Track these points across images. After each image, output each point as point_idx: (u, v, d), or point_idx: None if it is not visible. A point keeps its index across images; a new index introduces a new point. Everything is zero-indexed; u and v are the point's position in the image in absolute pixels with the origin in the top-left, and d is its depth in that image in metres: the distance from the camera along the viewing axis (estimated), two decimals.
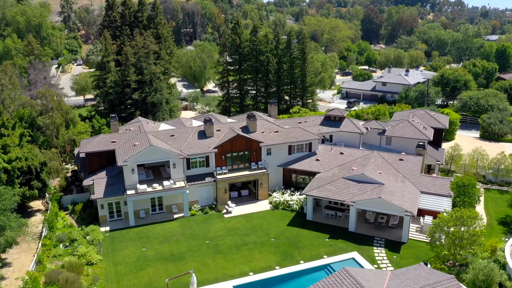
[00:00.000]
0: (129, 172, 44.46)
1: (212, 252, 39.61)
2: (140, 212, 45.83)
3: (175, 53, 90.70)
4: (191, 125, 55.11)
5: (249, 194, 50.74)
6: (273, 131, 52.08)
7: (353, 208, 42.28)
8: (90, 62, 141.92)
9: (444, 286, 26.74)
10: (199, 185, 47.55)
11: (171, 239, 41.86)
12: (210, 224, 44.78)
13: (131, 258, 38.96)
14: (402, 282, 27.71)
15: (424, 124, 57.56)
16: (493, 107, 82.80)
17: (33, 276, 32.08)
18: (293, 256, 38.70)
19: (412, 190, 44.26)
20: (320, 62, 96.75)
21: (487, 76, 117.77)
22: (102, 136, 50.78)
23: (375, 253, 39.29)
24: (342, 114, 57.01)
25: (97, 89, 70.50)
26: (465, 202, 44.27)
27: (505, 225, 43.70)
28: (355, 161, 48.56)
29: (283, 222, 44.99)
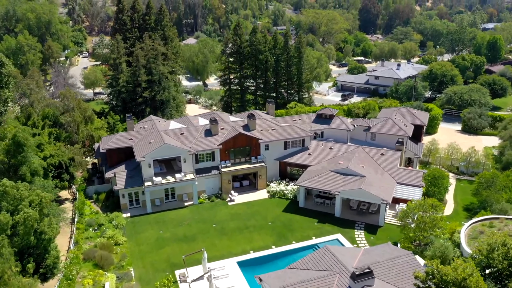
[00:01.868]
0: (146, 167, 51.75)
1: (218, 234, 47.16)
2: (155, 200, 53.26)
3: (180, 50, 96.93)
4: (198, 123, 62.14)
5: (249, 184, 58.13)
6: (271, 129, 59.20)
7: (338, 197, 49.68)
8: (96, 55, 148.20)
9: (402, 260, 34.25)
10: (206, 177, 54.88)
11: (183, 223, 49.41)
12: (216, 211, 52.27)
13: (150, 239, 46.53)
14: (371, 256, 35.20)
15: (405, 121, 64.67)
16: (476, 101, 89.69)
17: (75, 254, 39.63)
18: (286, 237, 46.25)
19: (389, 182, 51.63)
20: (315, 59, 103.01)
21: (475, 69, 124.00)
22: (120, 134, 57.98)
23: (355, 234, 46.85)
24: (332, 113, 64.05)
25: (110, 88, 77.13)
26: (435, 191, 51.69)
27: (468, 211, 51.16)
28: (342, 155, 55.75)
29: (279, 208, 52.48)
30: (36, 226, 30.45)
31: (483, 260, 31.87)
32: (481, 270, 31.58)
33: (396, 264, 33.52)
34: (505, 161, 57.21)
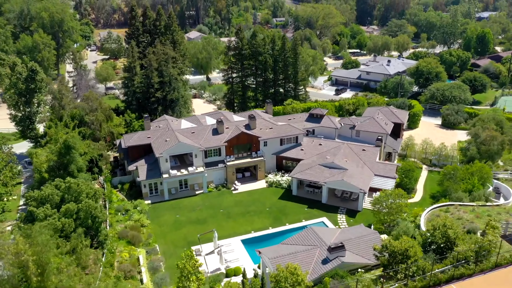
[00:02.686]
0: (164, 161, 61.76)
1: (225, 217, 57.41)
2: (171, 189, 63.39)
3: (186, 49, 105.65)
4: (206, 122, 71.84)
5: (250, 175, 68.21)
6: (269, 127, 69.02)
7: (325, 187, 59.80)
8: (105, 49, 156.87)
9: (369, 237, 44.41)
10: (214, 169, 64.95)
11: (196, 209, 59.63)
12: (223, 198, 62.48)
13: (169, 222, 56.81)
14: (345, 235, 45.46)
15: (386, 120, 74.39)
16: (456, 98, 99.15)
17: (112, 234, 49.89)
18: (281, 220, 56.50)
19: (368, 174, 61.71)
20: (311, 57, 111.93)
21: (462, 64, 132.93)
22: (140, 133, 67.84)
23: (338, 218, 57.11)
24: (322, 113, 73.77)
25: (126, 88, 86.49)
26: (407, 182, 61.79)
27: (433, 198, 61.26)
28: (329, 151, 65.66)
29: (275, 196, 62.66)
30: (93, 212, 40.40)
31: (429, 237, 42.03)
32: (427, 245, 41.75)
33: (363, 241, 43.74)
34: (469, 156, 67.12)
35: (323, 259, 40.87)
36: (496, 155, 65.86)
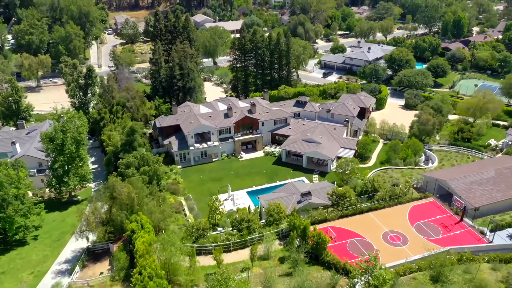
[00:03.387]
0: (190, 138, 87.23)
1: (234, 176, 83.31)
2: (195, 158, 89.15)
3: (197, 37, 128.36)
4: (218, 107, 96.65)
5: (252, 147, 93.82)
6: (265, 112, 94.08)
7: (304, 156, 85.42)
8: (123, 34, 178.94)
9: (327, 188, 70.57)
10: (226, 143, 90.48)
11: (213, 171, 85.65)
12: (232, 164, 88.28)
13: (196, 180, 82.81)
14: (313, 186, 71.65)
15: (354, 105, 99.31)
16: (418, 83, 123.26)
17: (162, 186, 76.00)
18: (273, 178, 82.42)
19: (336, 146, 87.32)
20: (302, 47, 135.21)
21: (432, 49, 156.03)
22: (170, 117, 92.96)
23: (313, 177, 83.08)
24: (306, 100, 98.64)
25: (153, 79, 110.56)
26: (363, 152, 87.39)
27: (381, 164, 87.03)
28: (310, 129, 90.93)
29: (270, 162, 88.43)
30: (157, 172, 65.85)
31: (363, 187, 68.13)
32: (363, 191, 67.86)
33: (324, 190, 69.82)
34: (411, 133, 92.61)
35: (298, 201, 66.96)
36: (430, 133, 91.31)
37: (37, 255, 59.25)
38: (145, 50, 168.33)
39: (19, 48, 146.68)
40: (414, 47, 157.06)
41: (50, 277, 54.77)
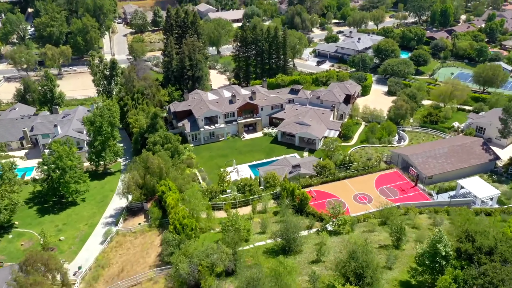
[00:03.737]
0: (200, 121, 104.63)
1: (238, 153, 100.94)
2: (205, 137, 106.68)
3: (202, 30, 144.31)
4: (224, 94, 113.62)
5: (253, 129, 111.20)
6: (264, 98, 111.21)
7: (297, 136, 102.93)
8: (132, 24, 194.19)
9: (313, 162, 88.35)
10: (230, 125, 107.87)
11: (220, 149, 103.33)
12: (236, 142, 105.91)
13: (206, 156, 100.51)
14: (303, 160, 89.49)
15: (341, 92, 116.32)
16: (401, 71, 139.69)
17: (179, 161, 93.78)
18: (271, 155, 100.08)
19: (323, 128, 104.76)
20: (297, 38, 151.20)
21: (418, 39, 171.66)
22: (183, 103, 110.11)
23: (303, 153, 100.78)
24: (299, 88, 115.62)
25: (165, 69, 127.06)
26: (346, 133, 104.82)
27: (361, 142, 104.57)
28: (301, 113, 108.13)
29: (268, 141, 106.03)
30: (178, 148, 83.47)
31: (342, 160, 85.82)
32: (342, 163, 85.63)
33: (311, 163, 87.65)
34: (388, 117, 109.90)
35: (290, 171, 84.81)
36: (404, 116, 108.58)
37: (87, 212, 77.54)
38: (154, 40, 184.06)
39: (40, 39, 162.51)
40: (401, 37, 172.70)
41: (100, 227, 73.17)
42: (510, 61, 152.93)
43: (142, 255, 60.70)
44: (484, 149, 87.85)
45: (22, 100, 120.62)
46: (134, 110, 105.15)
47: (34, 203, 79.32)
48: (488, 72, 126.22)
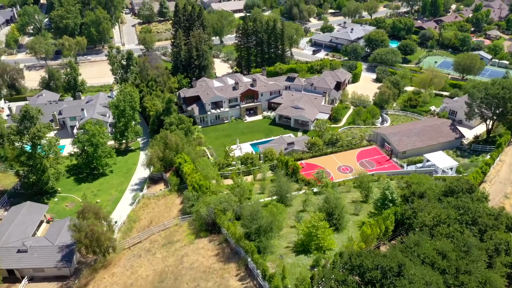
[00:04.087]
0: (207, 105, 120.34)
1: (241, 133, 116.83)
2: (211, 120, 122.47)
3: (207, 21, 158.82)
4: (228, 82, 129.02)
5: (254, 112, 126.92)
6: (263, 85, 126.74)
7: (292, 118, 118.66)
8: (140, 15, 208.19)
9: (303, 141, 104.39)
10: (234, 109, 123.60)
11: (225, 130, 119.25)
12: (239, 124, 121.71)
13: (213, 136, 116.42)
14: (296, 139, 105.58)
15: (332, 80, 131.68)
16: (389, 60, 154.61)
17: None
18: (269, 135, 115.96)
19: (315, 111, 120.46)
20: (294, 29, 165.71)
21: (407, 29, 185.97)
22: (192, 89, 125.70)
23: (298, 133, 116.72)
24: (295, 76, 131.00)
25: (174, 58, 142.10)
26: (336, 115, 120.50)
27: (349, 124, 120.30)
28: (296, 98, 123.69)
29: (267, 123, 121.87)
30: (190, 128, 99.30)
31: (330, 139, 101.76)
32: (329, 141, 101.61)
33: (303, 141, 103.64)
34: (374, 100, 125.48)
35: (285, 148, 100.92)
36: (387, 101, 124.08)
37: (116, 181, 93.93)
38: (161, 30, 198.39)
39: (57, 30, 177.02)
40: (391, 27, 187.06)
41: (128, 192, 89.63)
42: (490, 50, 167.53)
43: (166, 211, 77.10)
44: (451, 129, 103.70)
45: (47, 87, 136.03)
46: (149, 96, 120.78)
47: (71, 174, 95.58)
48: (466, 61, 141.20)
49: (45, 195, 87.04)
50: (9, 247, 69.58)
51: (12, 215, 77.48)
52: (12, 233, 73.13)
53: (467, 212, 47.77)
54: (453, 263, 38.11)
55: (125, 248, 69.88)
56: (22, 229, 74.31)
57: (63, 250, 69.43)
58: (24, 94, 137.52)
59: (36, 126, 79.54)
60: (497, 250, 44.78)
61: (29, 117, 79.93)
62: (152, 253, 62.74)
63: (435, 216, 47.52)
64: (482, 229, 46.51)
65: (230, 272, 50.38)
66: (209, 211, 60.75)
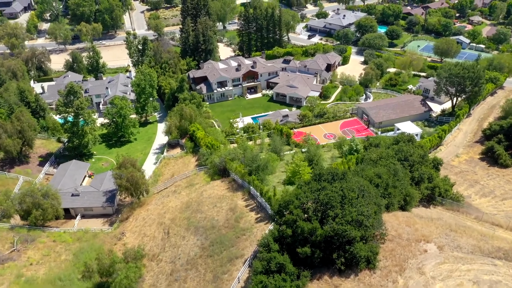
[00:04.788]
0: (214, 84, 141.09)
1: (243, 109, 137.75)
2: (217, 97, 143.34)
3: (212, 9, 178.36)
4: (231, 64, 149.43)
5: (254, 91, 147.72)
6: (263, 67, 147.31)
7: (287, 96, 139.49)
8: (149, 2, 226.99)
9: (296, 114, 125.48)
10: (237, 88, 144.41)
11: (229, 106, 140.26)
12: (241, 101, 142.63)
13: (218, 111, 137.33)
14: (290, 113, 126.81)
15: (323, 62, 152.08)
16: (376, 44, 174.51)
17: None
18: (268, 110, 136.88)
19: (307, 89, 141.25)
20: (291, 16, 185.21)
21: (395, 15, 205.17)
22: (200, 70, 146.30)
23: (292, 108, 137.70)
24: (290, 59, 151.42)
25: (183, 43, 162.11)
26: (326, 93, 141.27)
27: (337, 100, 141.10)
28: (291, 78, 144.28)
29: (265, 100, 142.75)
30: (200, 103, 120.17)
31: (319, 112, 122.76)
32: (318, 114, 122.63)
33: (296, 114, 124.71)
34: (360, 80, 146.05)
35: (281, 120, 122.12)
36: (371, 81, 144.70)
37: (140, 146, 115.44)
38: (168, 16, 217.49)
39: (74, 17, 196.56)
40: (381, 14, 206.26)
41: (151, 155, 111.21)
42: (470, 35, 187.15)
43: (184, 167, 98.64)
44: (421, 104, 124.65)
45: (71, 69, 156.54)
46: (163, 76, 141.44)
47: (103, 141, 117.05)
48: (444, 45, 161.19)
49: (84, 157, 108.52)
50: (65, 192, 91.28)
51: (62, 171, 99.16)
52: (64, 183, 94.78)
53: (401, 152, 68.77)
54: (384, 181, 58.90)
55: (154, 193, 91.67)
56: (72, 180, 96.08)
57: (106, 194, 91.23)
58: (50, 75, 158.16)
59: (80, 99, 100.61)
60: (421, 178, 65.87)
61: (73, 92, 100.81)
62: (178, 193, 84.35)
63: (379, 154, 68.45)
64: (411, 164, 67.60)
65: (237, 197, 71.64)
66: (221, 160, 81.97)
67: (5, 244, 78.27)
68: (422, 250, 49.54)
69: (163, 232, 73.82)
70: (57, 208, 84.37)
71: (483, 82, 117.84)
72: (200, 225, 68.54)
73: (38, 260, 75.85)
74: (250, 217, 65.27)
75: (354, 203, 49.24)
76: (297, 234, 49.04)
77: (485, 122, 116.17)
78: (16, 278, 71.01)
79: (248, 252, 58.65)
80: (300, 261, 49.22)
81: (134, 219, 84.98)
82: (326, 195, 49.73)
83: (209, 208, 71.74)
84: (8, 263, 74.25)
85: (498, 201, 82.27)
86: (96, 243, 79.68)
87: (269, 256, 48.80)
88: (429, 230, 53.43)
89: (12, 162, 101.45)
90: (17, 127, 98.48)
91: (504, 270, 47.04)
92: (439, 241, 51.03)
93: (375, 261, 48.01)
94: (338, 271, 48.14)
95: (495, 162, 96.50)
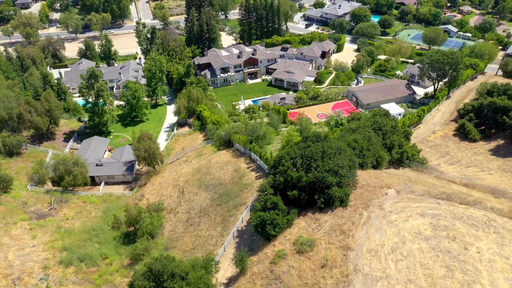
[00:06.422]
0: (217, 70, 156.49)
1: (244, 92, 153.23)
2: (220, 82, 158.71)
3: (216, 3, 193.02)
4: (233, 51, 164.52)
5: (254, 76, 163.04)
6: (262, 54, 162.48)
7: (285, 81, 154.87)
8: None
9: (292, 97, 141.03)
10: (238, 73, 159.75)
11: (232, 90, 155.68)
12: (242, 86, 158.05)
13: (222, 94, 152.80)
14: (289, 96, 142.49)
15: (318, 50, 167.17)
16: (369, 33, 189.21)
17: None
18: (267, 93, 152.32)
19: (303, 75, 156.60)
20: (289, 6, 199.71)
21: (389, 5, 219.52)
22: (204, 57, 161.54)
23: (290, 92, 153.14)
24: (288, 46, 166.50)
25: (188, 31, 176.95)
26: (321, 78, 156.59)
27: (331, 84, 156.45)
28: (289, 65, 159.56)
29: (265, 85, 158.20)
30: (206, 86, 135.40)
31: (313, 95, 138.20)
32: (312, 96, 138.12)
33: (291, 96, 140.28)
34: (351, 67, 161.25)
35: (278, 102, 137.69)
36: (362, 67, 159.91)
37: (152, 125, 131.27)
38: (172, 6, 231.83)
39: (84, 7, 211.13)
40: (375, 3, 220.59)
41: (162, 133, 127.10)
42: (458, 24, 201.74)
43: (192, 142, 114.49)
44: (406, 87, 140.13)
45: (84, 56, 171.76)
46: (171, 63, 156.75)
47: (118, 120, 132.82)
48: (432, 34, 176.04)
49: (103, 134, 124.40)
50: (90, 163, 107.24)
51: (85, 145, 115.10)
52: (88, 155, 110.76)
53: (376, 123, 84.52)
54: (360, 145, 74.48)
55: (167, 164, 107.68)
56: (94, 153, 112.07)
57: (126, 164, 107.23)
58: (65, 62, 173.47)
59: (100, 82, 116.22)
60: (393, 145, 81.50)
61: (94, 76, 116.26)
62: (189, 162, 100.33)
63: (357, 124, 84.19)
64: (384, 133, 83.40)
65: (240, 161, 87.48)
66: (226, 132, 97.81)
67: (43, 204, 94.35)
68: (383, 193, 65.10)
69: (178, 191, 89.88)
70: (85, 175, 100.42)
71: (461, 68, 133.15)
72: (210, 183, 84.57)
73: (73, 216, 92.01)
74: (251, 176, 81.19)
75: (332, 157, 64.87)
76: (288, 181, 64.73)
77: (461, 103, 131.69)
78: (57, 229, 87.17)
79: (249, 201, 74.62)
80: (290, 202, 64.95)
81: (151, 184, 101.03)
82: (310, 151, 65.36)
83: (217, 171, 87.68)
84: (48, 217, 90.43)
85: (463, 168, 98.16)
86: (120, 203, 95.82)
87: (266, 197, 64.60)
88: (392, 181, 69.07)
89: (41, 138, 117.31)
90: (45, 107, 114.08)
91: (445, 207, 62.59)
92: (398, 188, 66.63)
93: (347, 201, 63.55)
94: (319, 209, 63.75)
95: (466, 137, 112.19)
